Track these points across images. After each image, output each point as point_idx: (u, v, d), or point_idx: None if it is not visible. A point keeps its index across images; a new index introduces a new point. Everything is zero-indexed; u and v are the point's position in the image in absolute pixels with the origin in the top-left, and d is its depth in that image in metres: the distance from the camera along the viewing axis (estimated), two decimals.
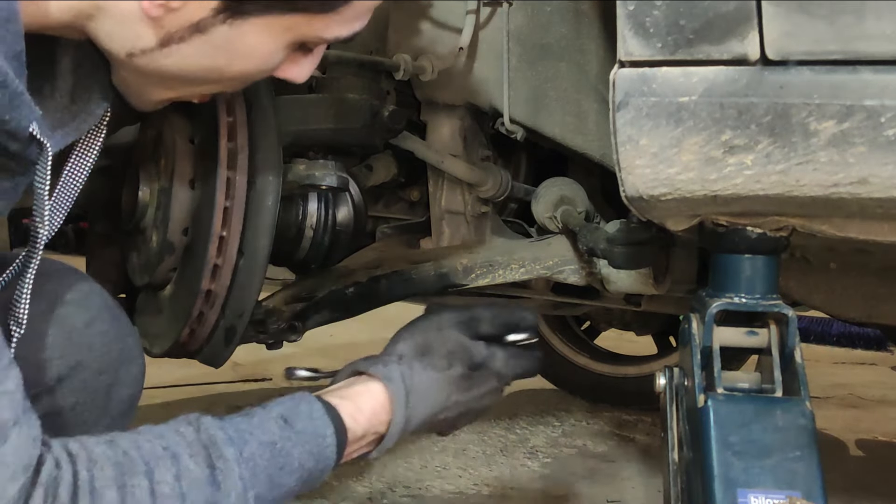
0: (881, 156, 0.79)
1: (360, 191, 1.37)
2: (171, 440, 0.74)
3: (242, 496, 0.75)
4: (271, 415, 0.82)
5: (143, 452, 0.72)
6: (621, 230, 1.22)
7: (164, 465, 0.71)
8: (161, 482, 0.70)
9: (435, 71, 1.31)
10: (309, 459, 0.82)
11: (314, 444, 0.82)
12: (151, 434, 0.75)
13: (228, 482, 0.74)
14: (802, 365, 0.94)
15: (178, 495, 0.71)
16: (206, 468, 0.73)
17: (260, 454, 0.77)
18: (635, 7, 0.82)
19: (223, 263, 1.04)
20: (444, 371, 0.93)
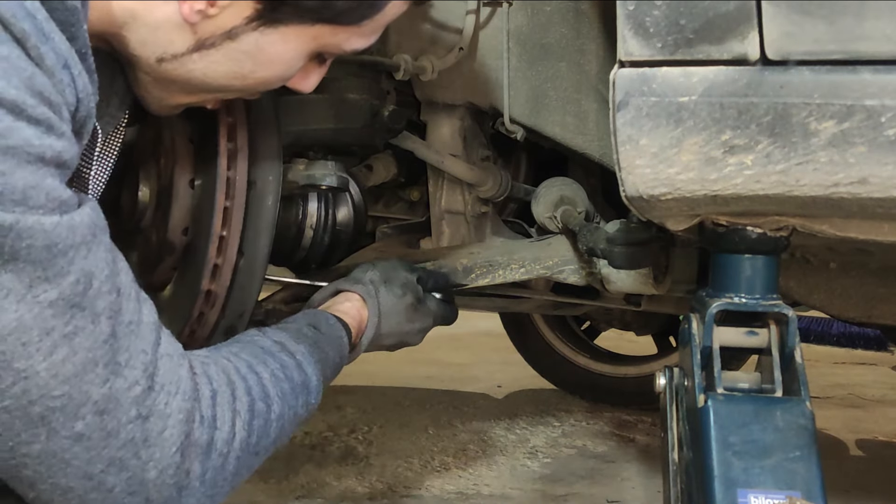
0: (881, 156, 0.79)
1: (360, 191, 1.36)
2: (261, 343, 0.88)
3: (318, 380, 0.92)
4: (302, 324, 0.98)
5: (252, 351, 0.85)
6: (621, 230, 1.22)
7: (270, 358, 0.86)
8: (275, 368, 0.85)
9: (435, 71, 1.31)
10: (337, 355, 1.00)
11: (337, 343, 1.01)
12: (244, 342, 0.89)
13: (309, 369, 0.90)
14: (802, 365, 0.95)
15: (288, 378, 0.86)
16: (293, 359, 0.89)
17: (313, 351, 0.93)
18: (635, 7, 0.82)
19: (223, 263, 1.04)
20: (400, 298, 1.16)
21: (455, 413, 2.55)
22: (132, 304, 0.69)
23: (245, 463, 0.77)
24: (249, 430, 0.77)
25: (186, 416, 0.70)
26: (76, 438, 0.64)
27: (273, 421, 0.81)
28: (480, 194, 1.47)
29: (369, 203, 1.47)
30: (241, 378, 0.79)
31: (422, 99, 1.44)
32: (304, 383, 0.88)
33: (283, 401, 0.83)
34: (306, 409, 0.89)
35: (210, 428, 0.72)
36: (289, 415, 0.84)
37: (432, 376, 3.01)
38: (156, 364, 0.69)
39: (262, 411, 0.79)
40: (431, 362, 3.26)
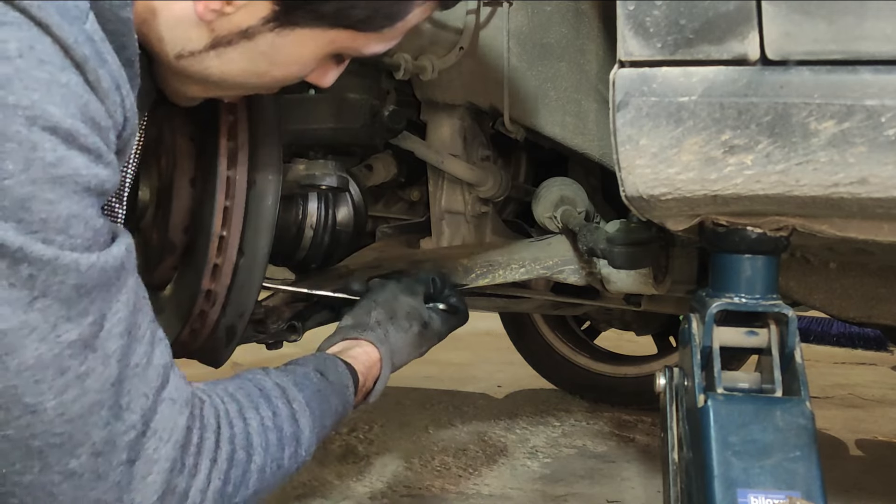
0: (881, 156, 0.79)
1: (360, 191, 1.36)
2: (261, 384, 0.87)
3: (312, 432, 0.89)
4: (308, 368, 0.96)
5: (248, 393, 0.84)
6: (621, 230, 1.22)
7: (264, 404, 0.84)
8: (265, 417, 0.83)
9: (435, 71, 1.31)
10: (339, 405, 0.98)
11: (342, 393, 0.99)
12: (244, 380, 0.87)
13: (303, 420, 0.88)
14: (802, 365, 0.95)
15: (276, 427, 0.84)
16: (289, 408, 0.87)
17: (314, 400, 0.91)
18: (635, 7, 0.82)
19: (223, 263, 1.04)
20: (407, 331, 1.16)
21: (455, 413, 2.55)
22: (143, 348, 0.69)
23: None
24: (225, 479, 0.76)
25: (172, 464, 0.70)
26: (68, 475, 0.64)
27: (253, 472, 0.79)
28: (480, 194, 1.47)
29: (369, 203, 1.47)
30: (227, 424, 0.78)
31: (422, 99, 1.44)
32: (295, 435, 0.86)
33: (267, 452, 0.81)
34: (294, 461, 0.86)
35: (189, 476, 0.72)
36: (271, 467, 0.82)
37: (432, 376, 3.01)
38: (155, 409, 0.69)
39: (241, 461, 0.78)
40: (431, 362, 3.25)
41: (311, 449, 0.90)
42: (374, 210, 1.71)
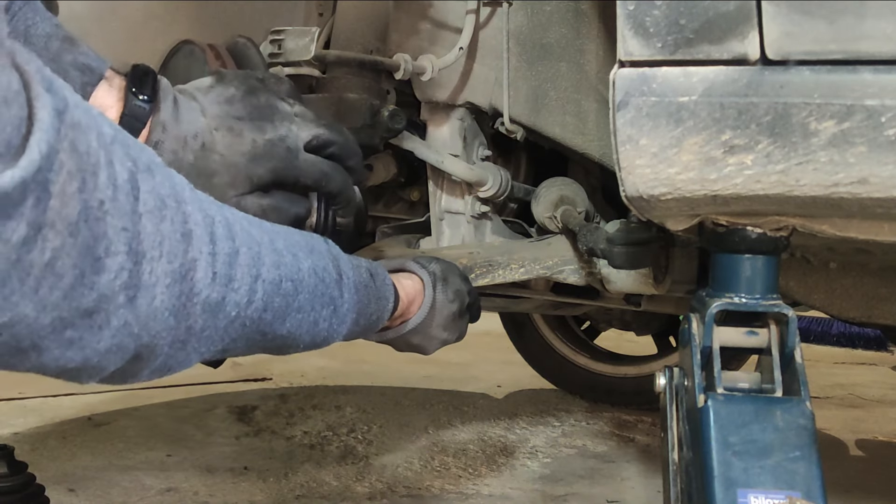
0: (881, 156, 0.79)
1: (360, 191, 1.36)
2: (313, 241, 0.82)
3: (349, 312, 0.85)
4: (362, 264, 0.92)
5: (297, 241, 0.79)
6: (621, 230, 1.22)
7: (314, 256, 0.80)
8: (317, 267, 0.79)
9: (435, 71, 1.31)
10: (375, 313, 0.93)
11: (382, 304, 0.95)
12: (295, 231, 0.82)
13: (346, 293, 0.84)
14: (802, 365, 0.94)
15: (324, 282, 0.80)
16: (336, 273, 0.83)
17: (360, 287, 0.88)
18: (635, 7, 0.82)
19: None
20: (450, 302, 1.10)
21: (455, 413, 2.55)
22: (103, 176, 0.56)
23: (250, 336, 0.72)
24: (268, 304, 0.71)
25: (174, 276, 0.62)
26: (66, 345, 0.58)
27: (294, 310, 0.75)
28: (480, 194, 1.47)
29: (369, 203, 1.47)
30: (273, 251, 0.73)
31: (422, 99, 1.44)
32: (335, 301, 0.82)
33: (312, 297, 0.77)
34: (327, 327, 0.82)
35: (222, 286, 0.66)
36: (310, 317, 0.78)
37: (432, 376, 3.01)
38: (137, 232, 0.59)
39: (288, 292, 0.73)
40: (431, 362, 3.26)
41: (342, 330, 0.85)
42: (374, 210, 1.71)
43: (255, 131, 0.92)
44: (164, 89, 0.89)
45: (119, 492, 1.79)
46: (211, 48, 1.11)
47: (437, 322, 1.09)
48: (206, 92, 0.93)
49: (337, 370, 3.10)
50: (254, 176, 0.92)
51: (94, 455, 2.03)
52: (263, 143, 0.92)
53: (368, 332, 0.95)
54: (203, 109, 0.91)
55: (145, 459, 2.01)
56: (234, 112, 0.92)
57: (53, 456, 2.01)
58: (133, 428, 2.28)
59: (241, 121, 0.92)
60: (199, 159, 0.89)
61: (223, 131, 0.90)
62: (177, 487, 1.83)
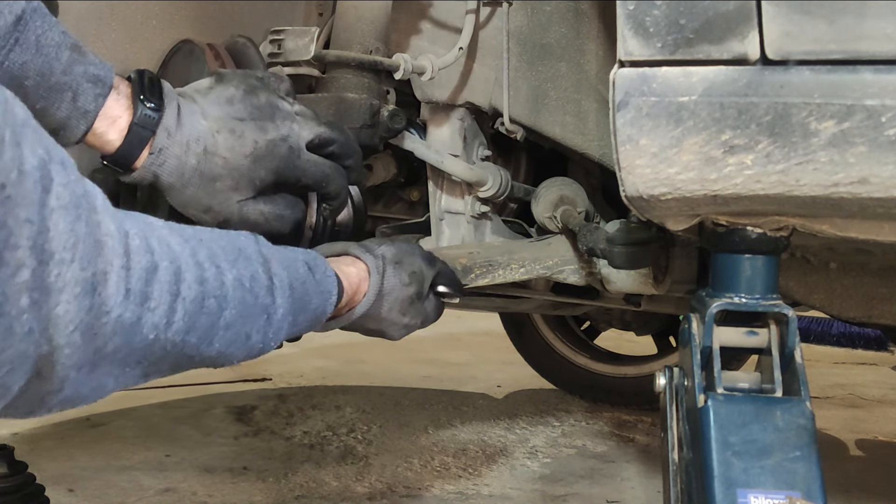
0: (881, 156, 0.79)
1: (359, 191, 1.36)
2: (241, 244, 0.78)
3: (286, 315, 0.81)
4: (298, 257, 0.88)
5: (226, 246, 0.75)
6: (621, 230, 1.22)
7: (243, 264, 0.76)
8: (244, 276, 0.75)
9: (435, 71, 1.31)
10: (318, 307, 0.89)
11: (324, 298, 0.90)
12: (226, 233, 0.78)
13: (279, 299, 0.80)
14: (802, 365, 0.94)
15: (253, 292, 0.75)
16: (268, 279, 0.79)
17: (295, 285, 0.83)
18: (635, 7, 0.82)
19: None
20: (405, 286, 1.05)
21: (455, 413, 2.55)
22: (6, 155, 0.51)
23: (174, 359, 0.67)
24: (191, 324, 0.66)
25: (85, 287, 0.57)
26: None
27: (221, 328, 0.70)
28: (480, 194, 1.47)
29: (369, 203, 1.47)
30: (195, 264, 0.68)
31: (422, 99, 1.44)
32: (267, 309, 0.77)
33: (241, 312, 0.72)
34: (261, 338, 0.77)
35: (137, 305, 0.60)
36: (240, 333, 0.72)
37: (432, 376, 3.01)
38: (45, 227, 0.54)
39: (212, 310, 0.68)
40: (431, 362, 3.27)
41: (279, 336, 0.80)
42: (374, 210, 1.71)
43: (257, 132, 0.91)
44: (168, 94, 0.89)
45: (117, 492, 1.79)
46: (211, 48, 1.11)
47: (388, 307, 1.04)
48: (206, 93, 0.92)
49: (336, 370, 3.10)
50: (256, 178, 0.91)
51: (92, 455, 2.03)
52: (265, 144, 0.91)
53: (312, 327, 0.91)
54: (204, 112, 0.90)
55: (143, 460, 2.01)
56: (235, 113, 0.91)
57: (52, 456, 2.01)
58: (131, 428, 2.28)
59: (242, 122, 0.91)
60: (201, 163, 0.88)
61: (225, 133, 0.89)
62: (175, 488, 1.83)
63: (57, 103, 0.82)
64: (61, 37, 0.82)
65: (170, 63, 1.22)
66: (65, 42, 0.83)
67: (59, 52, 0.82)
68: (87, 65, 0.84)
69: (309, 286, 0.86)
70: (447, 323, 1.27)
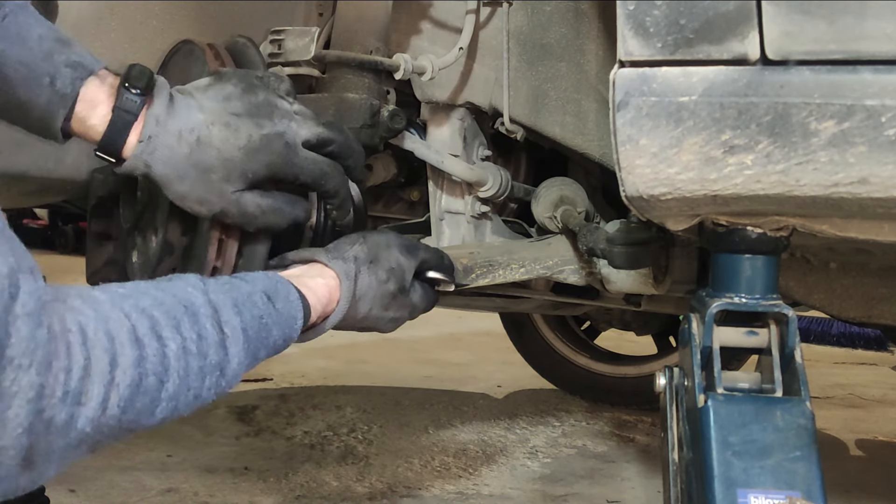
0: (881, 156, 0.79)
1: (360, 191, 1.36)
2: (190, 300, 0.76)
3: (241, 364, 0.79)
4: (256, 288, 0.85)
5: (168, 310, 0.73)
6: (621, 230, 1.22)
7: (188, 324, 0.74)
8: (188, 339, 0.73)
9: (435, 71, 1.31)
10: (280, 338, 0.87)
11: (288, 325, 0.88)
12: (168, 292, 0.76)
13: (233, 349, 0.78)
14: (802, 365, 0.94)
15: (200, 353, 0.74)
16: (219, 332, 0.77)
17: (251, 326, 0.81)
18: (635, 7, 0.82)
19: (222, 265, 1.04)
20: (382, 284, 1.02)
21: (455, 413, 2.55)
22: None
23: (111, 437, 0.68)
24: (127, 407, 0.66)
25: (38, 392, 0.58)
26: None
27: (163, 400, 0.70)
28: (480, 194, 1.47)
29: (369, 203, 1.47)
30: (133, 343, 0.67)
31: (422, 99, 1.44)
32: (220, 365, 0.76)
33: (185, 380, 0.72)
34: (213, 392, 0.76)
35: (72, 405, 0.61)
36: (186, 397, 0.72)
37: (432, 376, 3.01)
38: (7, 333, 0.56)
39: (150, 388, 0.68)
40: (431, 362, 3.27)
41: (235, 382, 0.80)
42: (374, 210, 1.71)
43: (253, 127, 0.91)
44: (160, 86, 0.89)
45: (119, 492, 1.79)
46: (211, 48, 1.11)
47: (367, 307, 1.02)
48: (205, 90, 0.93)
49: (337, 370, 3.10)
50: (249, 171, 0.91)
51: (93, 455, 2.03)
52: (260, 138, 0.92)
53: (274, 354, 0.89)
54: (200, 106, 0.90)
55: (145, 460, 2.01)
56: (232, 108, 0.91)
57: None
58: None
59: (238, 117, 0.91)
60: (194, 152, 0.89)
61: (219, 126, 0.90)
62: (177, 488, 1.83)
63: (38, 90, 0.83)
64: (47, 31, 0.84)
65: (170, 63, 1.22)
66: (49, 35, 0.84)
67: (41, 43, 0.83)
68: (70, 54, 0.85)
69: (269, 319, 0.84)
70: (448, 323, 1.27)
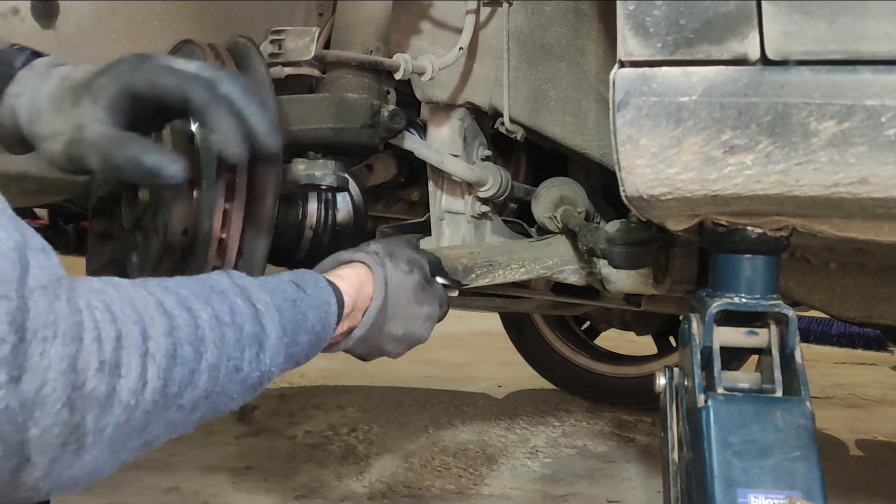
0: (881, 156, 0.79)
1: (360, 191, 1.36)
2: (213, 282, 0.75)
3: (280, 340, 0.78)
4: (283, 279, 0.85)
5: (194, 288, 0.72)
6: (621, 230, 1.22)
7: (218, 299, 0.73)
8: (220, 311, 0.72)
9: (435, 71, 1.31)
10: (318, 322, 0.85)
11: (322, 309, 0.86)
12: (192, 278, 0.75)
13: (269, 324, 0.77)
14: (802, 365, 0.94)
15: (235, 325, 0.72)
16: (251, 307, 0.76)
17: (285, 308, 0.80)
18: (635, 7, 0.82)
19: (223, 265, 1.04)
20: (408, 274, 1.01)
21: (455, 413, 2.55)
22: None
23: (162, 417, 0.66)
24: (167, 378, 0.65)
25: (70, 363, 0.57)
26: None
27: (203, 371, 0.68)
28: (480, 194, 1.47)
29: (369, 203, 1.47)
30: (163, 315, 0.66)
31: (422, 99, 1.44)
32: (257, 337, 0.75)
33: (222, 350, 0.70)
34: (255, 367, 0.75)
35: (111, 376, 0.60)
36: (227, 367, 0.71)
37: (432, 376, 3.01)
38: (25, 305, 0.54)
39: (187, 357, 0.67)
40: (431, 362, 3.26)
41: (278, 361, 0.78)
42: (374, 210, 1.71)
43: None
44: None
45: (122, 491, 1.79)
46: (211, 48, 1.11)
47: (404, 299, 1.00)
48: None
49: (338, 370, 3.10)
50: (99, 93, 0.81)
51: None
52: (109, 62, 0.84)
53: (319, 344, 0.88)
54: None
55: (149, 459, 2.00)
56: None
57: None
58: None
59: None
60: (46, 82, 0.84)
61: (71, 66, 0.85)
62: (179, 487, 1.83)
63: None
64: None
65: None
66: None
67: None
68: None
69: (301, 303, 0.83)
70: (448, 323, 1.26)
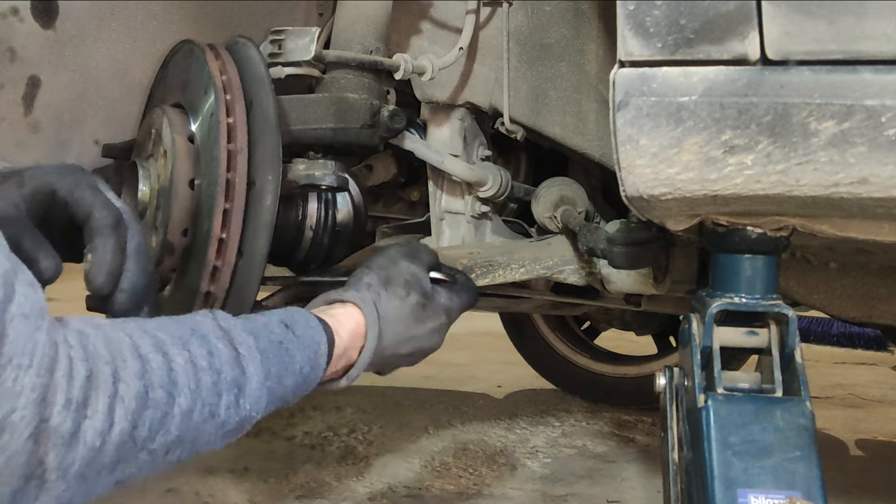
0: (881, 156, 0.79)
1: (360, 191, 1.36)
2: (195, 324, 0.75)
3: (262, 384, 0.77)
4: (272, 319, 0.84)
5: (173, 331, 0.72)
6: (621, 230, 1.22)
7: (197, 343, 0.72)
8: (197, 355, 0.71)
9: (435, 71, 1.31)
10: (306, 364, 0.85)
11: (311, 350, 0.86)
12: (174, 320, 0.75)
13: (251, 368, 0.76)
14: (802, 365, 0.95)
15: (212, 369, 0.72)
16: (231, 350, 0.75)
17: (270, 350, 0.79)
18: (635, 7, 0.82)
19: (222, 265, 1.04)
20: (404, 299, 1.01)
21: (455, 413, 2.55)
22: None
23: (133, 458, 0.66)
24: (136, 420, 0.64)
25: (41, 393, 0.57)
26: None
27: (175, 415, 0.68)
28: (480, 194, 1.47)
29: (369, 203, 1.47)
30: (136, 358, 0.66)
31: (422, 99, 1.44)
32: (237, 382, 0.74)
33: (197, 394, 0.70)
34: (233, 413, 0.74)
35: (77, 413, 0.60)
36: (202, 412, 0.70)
37: (432, 376, 3.01)
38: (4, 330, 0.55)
39: (159, 401, 0.66)
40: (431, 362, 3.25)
41: (260, 405, 0.77)
42: (374, 210, 1.71)
43: None
44: None
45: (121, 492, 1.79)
46: (211, 48, 1.11)
47: (401, 327, 1.00)
48: None
49: None
50: None
51: None
52: None
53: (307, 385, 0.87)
54: None
55: None
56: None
57: None
58: None
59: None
60: None
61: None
62: (177, 488, 1.83)
63: None
64: None
65: (170, 63, 1.22)
66: None
67: None
68: None
69: (289, 344, 0.82)
70: None
